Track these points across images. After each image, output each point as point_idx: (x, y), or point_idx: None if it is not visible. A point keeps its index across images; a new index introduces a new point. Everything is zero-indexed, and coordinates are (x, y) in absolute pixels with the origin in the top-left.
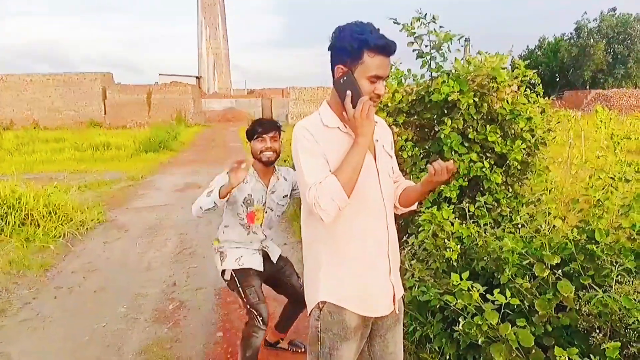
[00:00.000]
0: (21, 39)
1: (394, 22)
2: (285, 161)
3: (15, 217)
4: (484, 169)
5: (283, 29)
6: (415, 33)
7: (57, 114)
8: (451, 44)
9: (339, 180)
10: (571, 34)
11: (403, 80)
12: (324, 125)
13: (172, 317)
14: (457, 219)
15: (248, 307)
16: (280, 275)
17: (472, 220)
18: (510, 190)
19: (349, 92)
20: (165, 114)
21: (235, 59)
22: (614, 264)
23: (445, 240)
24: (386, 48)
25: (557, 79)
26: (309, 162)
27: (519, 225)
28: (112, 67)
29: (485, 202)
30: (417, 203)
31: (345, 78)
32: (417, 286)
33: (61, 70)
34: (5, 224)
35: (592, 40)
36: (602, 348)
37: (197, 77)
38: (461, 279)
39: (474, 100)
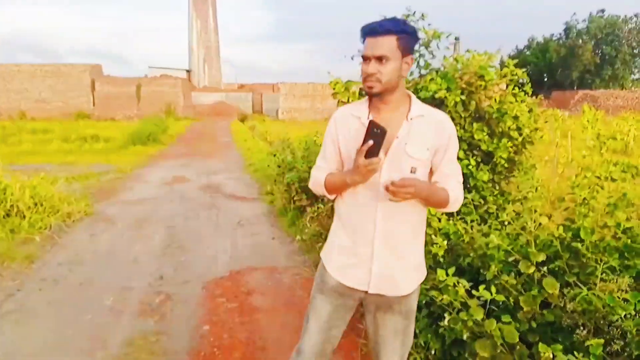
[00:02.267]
0: (5, 28)
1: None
2: None
3: (0, 208)
4: (470, 167)
5: (274, 23)
6: None
7: (45, 104)
8: (440, 41)
9: (325, 180)
10: (560, 34)
11: None
12: (352, 114)
13: (158, 310)
14: (444, 215)
15: None
16: None
17: (458, 217)
18: (497, 187)
19: (371, 142)
20: (154, 107)
21: (226, 52)
22: (599, 262)
23: (432, 236)
24: (367, 31)
25: (545, 79)
26: (323, 147)
27: (505, 223)
28: (99, 58)
29: (472, 200)
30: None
31: (379, 130)
32: None
33: (46, 60)
34: None
35: (580, 41)
36: (585, 345)
37: (187, 71)
38: (447, 274)
39: (461, 98)
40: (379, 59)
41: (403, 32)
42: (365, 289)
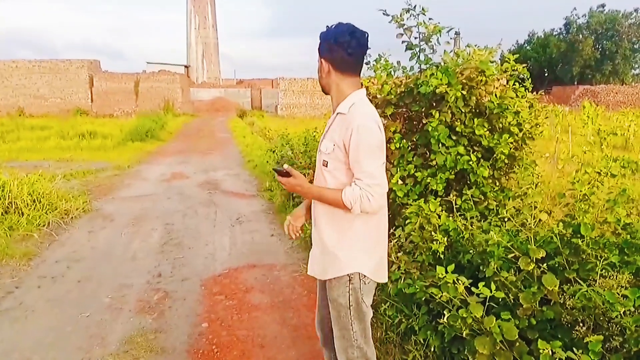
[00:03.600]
0: (2, 24)
1: (383, 14)
2: None
3: None
4: (470, 162)
5: (272, 18)
6: (404, 25)
7: (42, 101)
8: (440, 36)
9: None
10: (560, 29)
11: (392, 72)
12: None
13: (156, 307)
14: (444, 211)
15: None
16: None
17: (458, 213)
18: (497, 183)
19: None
20: (153, 103)
21: (224, 48)
22: (599, 258)
23: (432, 233)
24: None
25: (546, 74)
26: None
27: (505, 219)
28: (97, 54)
29: (472, 196)
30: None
31: (283, 172)
32: (403, 278)
33: (44, 56)
34: None
35: (580, 36)
36: (585, 341)
37: (185, 66)
38: (447, 271)
39: (462, 93)
40: None
41: (321, 39)
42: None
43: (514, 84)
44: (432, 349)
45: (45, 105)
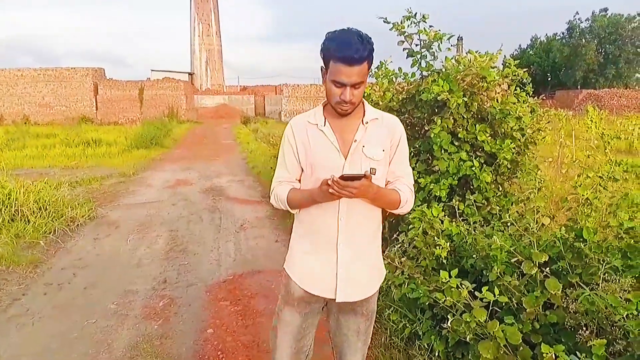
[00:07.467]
0: (5, 33)
1: (384, 21)
2: None
3: (5, 213)
4: (473, 168)
5: (275, 23)
6: (405, 32)
7: (47, 109)
8: (441, 43)
9: (288, 196)
10: (563, 33)
11: (394, 79)
12: (309, 122)
13: (162, 313)
14: (447, 217)
15: None
16: None
17: (461, 218)
18: (500, 188)
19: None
20: (157, 110)
21: (228, 54)
22: (602, 262)
23: (435, 238)
24: (345, 60)
25: (549, 79)
26: (282, 157)
27: (508, 224)
28: (99, 61)
29: (474, 201)
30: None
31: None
32: (406, 283)
33: (46, 63)
34: None
35: (583, 40)
36: (588, 345)
37: (189, 74)
38: (450, 276)
39: (463, 100)
40: (356, 85)
41: (372, 52)
42: (332, 296)
43: (515, 89)
44: (437, 354)
45: (50, 113)
